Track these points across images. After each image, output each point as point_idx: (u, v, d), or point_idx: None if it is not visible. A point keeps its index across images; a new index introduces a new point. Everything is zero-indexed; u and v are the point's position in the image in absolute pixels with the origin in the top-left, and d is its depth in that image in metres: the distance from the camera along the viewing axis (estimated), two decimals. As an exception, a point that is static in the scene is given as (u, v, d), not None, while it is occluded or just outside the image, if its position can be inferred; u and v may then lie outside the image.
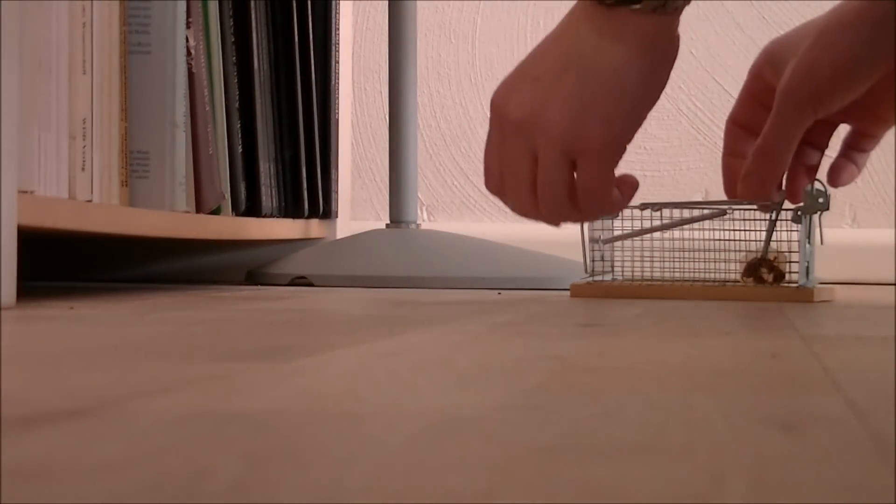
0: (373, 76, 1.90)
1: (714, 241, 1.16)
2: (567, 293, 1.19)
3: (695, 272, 1.17)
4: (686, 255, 1.17)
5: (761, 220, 1.13)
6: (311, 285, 1.40)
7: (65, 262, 1.54)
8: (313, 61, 1.55)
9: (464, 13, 1.89)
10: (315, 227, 1.60)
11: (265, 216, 1.44)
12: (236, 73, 1.38)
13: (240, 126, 1.38)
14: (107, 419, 0.38)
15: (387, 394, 0.45)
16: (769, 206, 1.09)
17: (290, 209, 1.53)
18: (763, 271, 1.14)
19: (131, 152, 1.17)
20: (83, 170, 1.04)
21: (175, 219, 1.19)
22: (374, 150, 1.90)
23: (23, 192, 0.91)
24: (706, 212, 1.14)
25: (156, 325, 0.76)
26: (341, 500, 0.27)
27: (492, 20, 1.89)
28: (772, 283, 1.13)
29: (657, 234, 1.14)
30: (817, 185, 1.09)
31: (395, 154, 1.51)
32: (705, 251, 1.17)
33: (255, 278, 1.46)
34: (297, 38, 1.51)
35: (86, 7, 1.05)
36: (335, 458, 0.32)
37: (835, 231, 1.74)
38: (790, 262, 1.13)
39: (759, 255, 1.14)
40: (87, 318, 0.82)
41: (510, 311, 0.94)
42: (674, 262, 1.17)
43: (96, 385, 0.46)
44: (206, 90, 1.27)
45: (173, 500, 0.27)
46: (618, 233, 1.17)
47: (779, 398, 0.45)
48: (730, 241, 1.16)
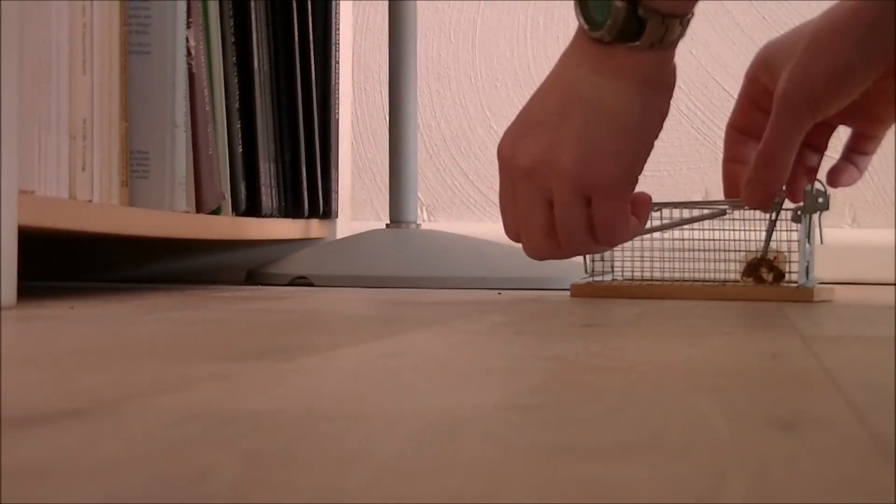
0: (373, 76, 1.90)
1: (714, 241, 1.16)
2: (567, 293, 1.19)
3: (695, 272, 1.17)
4: (686, 255, 1.17)
5: (761, 220, 1.13)
6: (311, 285, 1.40)
7: (65, 262, 1.54)
8: (313, 61, 1.55)
9: (464, 13, 1.89)
10: (315, 227, 1.59)
11: (265, 216, 1.44)
12: (236, 73, 1.38)
13: (240, 126, 1.38)
14: (107, 419, 0.38)
15: (387, 394, 0.45)
16: (770, 206, 1.09)
17: (290, 209, 1.53)
18: (763, 271, 1.14)
19: (131, 152, 1.17)
20: (83, 170, 1.04)
21: (175, 219, 1.19)
22: (374, 150, 1.90)
23: (23, 192, 0.91)
24: (706, 212, 1.15)
25: (156, 325, 0.76)
26: (341, 501, 0.27)
27: (492, 20, 1.89)
28: (772, 283, 1.14)
29: (657, 234, 1.15)
30: (817, 185, 1.09)
31: (395, 154, 1.51)
32: (705, 251, 1.17)
33: (255, 278, 1.46)
34: (297, 38, 1.51)
35: (86, 7, 1.05)
36: (335, 459, 0.32)
37: (834, 231, 1.74)
38: (790, 261, 1.13)
39: (759, 255, 1.14)
40: (87, 318, 0.82)
41: (510, 311, 0.94)
42: (674, 262, 1.17)
43: (96, 385, 0.46)
44: (206, 90, 1.27)
45: (173, 500, 0.27)
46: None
47: (779, 398, 0.45)
48: (730, 241, 1.16)
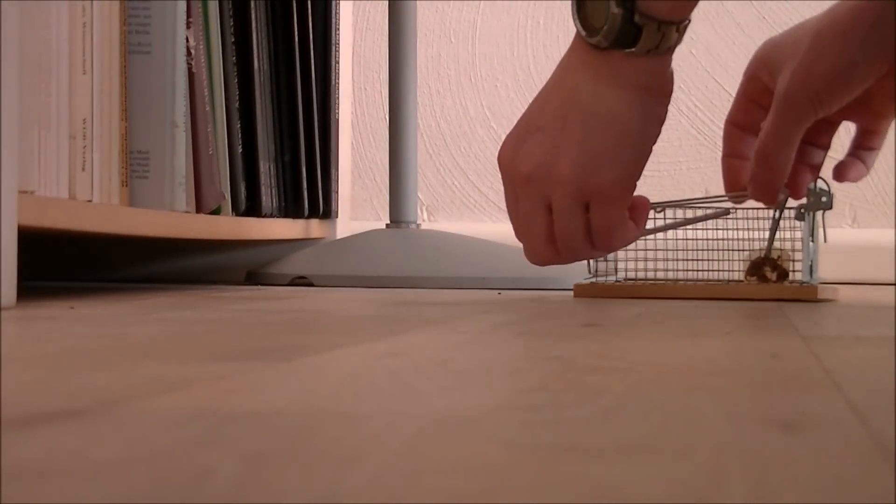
0: (373, 76, 1.90)
1: (717, 240, 1.16)
2: (567, 293, 1.19)
3: (699, 272, 1.17)
4: (690, 254, 1.17)
5: (764, 219, 1.14)
6: (311, 285, 1.40)
7: (65, 262, 1.54)
8: (313, 61, 1.55)
9: (464, 13, 1.89)
10: (315, 227, 1.59)
11: (265, 216, 1.44)
12: (236, 73, 1.38)
13: (240, 126, 1.38)
14: (107, 419, 0.38)
15: (387, 394, 0.45)
16: (775, 204, 1.09)
17: (290, 209, 1.52)
18: (767, 270, 1.14)
19: (131, 152, 1.17)
20: (83, 170, 1.04)
21: (175, 219, 1.19)
22: (374, 150, 1.90)
23: (23, 192, 0.91)
24: (709, 211, 1.15)
25: (156, 325, 0.76)
26: (341, 501, 0.27)
27: (492, 20, 1.89)
28: (775, 282, 1.14)
29: (660, 234, 1.15)
30: (821, 183, 1.10)
31: (395, 154, 1.51)
32: (709, 251, 1.17)
33: (255, 278, 1.46)
34: (297, 38, 1.51)
35: (86, 7, 1.05)
36: (335, 459, 0.32)
37: (835, 231, 1.74)
38: (793, 260, 1.13)
39: (762, 254, 1.14)
40: (87, 318, 0.82)
41: (510, 311, 0.94)
42: (678, 261, 1.17)
43: (96, 385, 0.46)
44: (206, 90, 1.27)
45: (173, 500, 0.27)
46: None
47: (779, 398, 0.45)
48: (733, 240, 1.16)
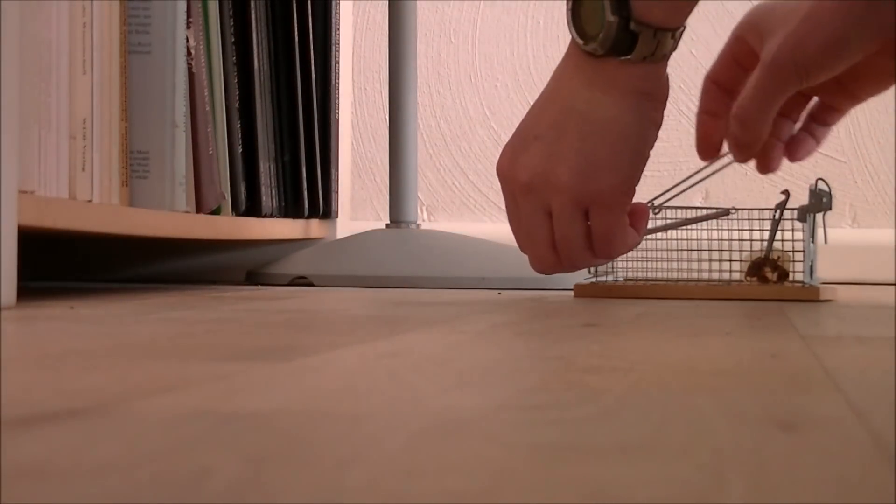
0: (373, 76, 1.90)
1: (718, 241, 1.16)
2: (567, 293, 1.19)
3: (699, 272, 1.17)
4: (690, 254, 1.17)
5: (765, 219, 1.14)
6: (311, 285, 1.40)
7: (65, 262, 1.54)
8: (313, 61, 1.55)
9: (464, 13, 1.89)
10: (315, 227, 1.59)
11: (265, 216, 1.44)
12: (236, 73, 1.38)
13: (240, 126, 1.38)
14: (107, 419, 0.38)
15: (387, 394, 0.45)
16: (774, 206, 1.09)
17: (290, 209, 1.52)
18: (767, 271, 1.14)
19: (131, 152, 1.17)
20: (83, 170, 1.04)
21: (175, 219, 1.19)
22: (374, 150, 1.90)
23: (23, 192, 0.91)
24: (710, 212, 1.15)
25: (156, 325, 0.76)
26: (341, 501, 0.27)
27: (492, 20, 1.89)
28: (775, 283, 1.14)
29: (661, 234, 1.15)
30: (821, 185, 1.10)
31: (395, 154, 1.51)
32: (709, 251, 1.17)
33: (255, 278, 1.46)
34: (297, 38, 1.51)
35: (86, 7, 1.05)
36: (335, 458, 0.32)
37: (835, 231, 1.74)
38: (793, 261, 1.13)
39: (762, 255, 1.14)
40: (87, 318, 0.82)
41: (510, 311, 0.94)
42: (679, 261, 1.17)
43: (96, 385, 0.46)
44: (206, 90, 1.27)
45: (173, 500, 0.27)
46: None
47: (779, 398, 0.45)
48: (733, 240, 1.16)
